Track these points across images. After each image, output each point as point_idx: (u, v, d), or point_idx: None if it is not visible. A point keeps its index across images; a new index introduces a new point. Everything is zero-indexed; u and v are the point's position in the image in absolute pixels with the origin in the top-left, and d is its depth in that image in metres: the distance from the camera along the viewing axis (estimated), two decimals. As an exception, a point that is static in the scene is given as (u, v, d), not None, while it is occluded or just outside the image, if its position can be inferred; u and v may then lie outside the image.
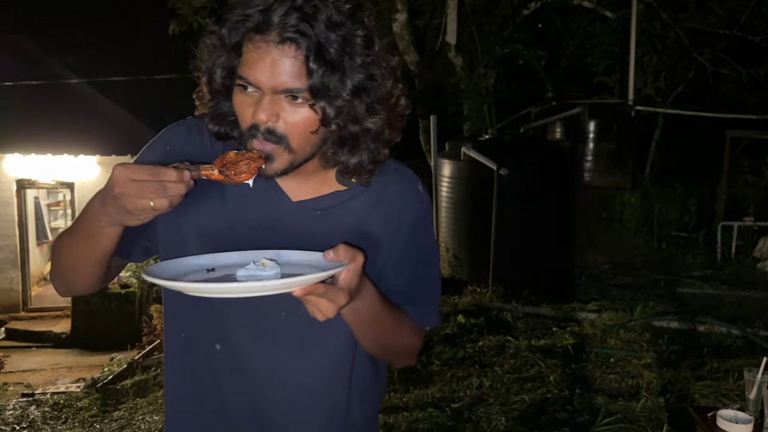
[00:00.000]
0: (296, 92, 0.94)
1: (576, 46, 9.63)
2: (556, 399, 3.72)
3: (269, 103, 0.94)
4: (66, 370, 7.56)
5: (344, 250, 0.92)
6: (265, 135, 0.96)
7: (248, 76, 0.94)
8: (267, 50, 0.92)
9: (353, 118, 0.97)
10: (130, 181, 0.88)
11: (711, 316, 5.28)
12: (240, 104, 0.98)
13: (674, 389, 3.84)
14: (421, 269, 1.16)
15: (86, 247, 1.02)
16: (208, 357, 1.08)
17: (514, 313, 5.33)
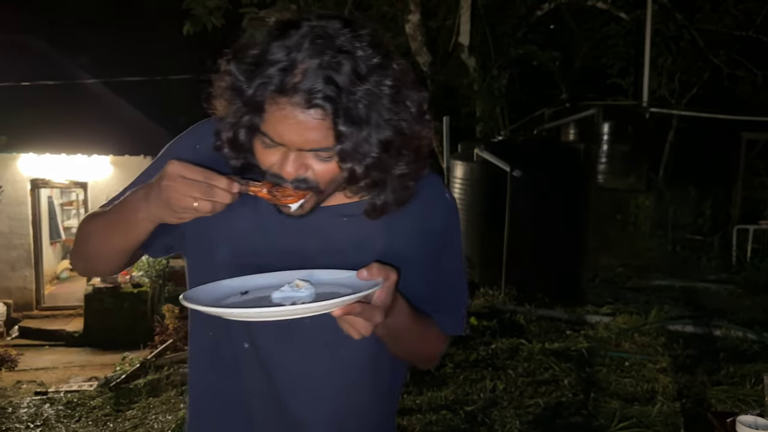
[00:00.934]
0: (323, 151, 0.92)
1: (590, 48, 9.57)
2: (570, 403, 3.69)
3: (296, 159, 0.93)
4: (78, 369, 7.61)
5: (377, 268, 0.93)
6: (295, 184, 0.95)
7: (273, 136, 0.92)
8: (293, 112, 0.89)
9: (381, 169, 0.96)
10: (181, 177, 0.88)
11: (727, 320, 5.23)
12: (263, 155, 0.96)
13: (690, 394, 3.79)
14: (447, 277, 1.16)
15: (117, 235, 1.02)
16: (235, 356, 1.09)
17: (527, 315, 5.30)
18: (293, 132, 0.90)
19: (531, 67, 9.32)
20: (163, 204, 0.90)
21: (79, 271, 1.18)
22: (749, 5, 9.59)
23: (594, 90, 9.90)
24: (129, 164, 10.00)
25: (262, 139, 0.94)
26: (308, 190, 0.96)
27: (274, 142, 0.93)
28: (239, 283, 1.02)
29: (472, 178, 6.37)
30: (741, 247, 7.64)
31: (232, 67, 0.94)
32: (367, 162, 0.93)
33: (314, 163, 0.94)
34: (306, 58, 0.88)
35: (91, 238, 1.08)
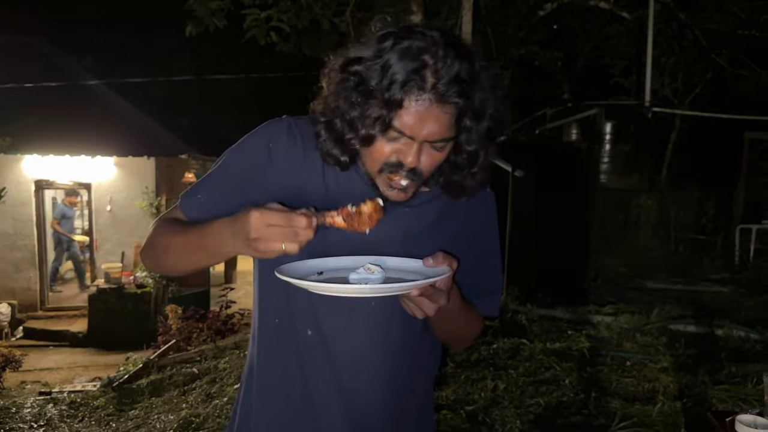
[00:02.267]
0: (444, 140, 1.06)
1: (592, 47, 9.56)
2: (571, 402, 3.69)
3: (417, 152, 1.06)
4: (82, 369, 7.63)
5: (443, 257, 1.07)
6: (408, 174, 1.08)
7: (407, 129, 1.04)
8: (431, 108, 1.02)
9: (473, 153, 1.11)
10: (265, 226, 0.97)
11: (729, 320, 5.22)
12: (384, 148, 1.07)
13: (691, 393, 3.79)
14: (489, 262, 1.30)
15: (200, 258, 1.13)
16: (297, 343, 1.19)
17: (528, 315, 5.31)
18: (428, 125, 1.03)
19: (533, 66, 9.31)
20: (251, 246, 0.99)
21: (148, 268, 1.34)
22: (753, 4, 9.55)
23: (596, 90, 9.89)
24: (132, 165, 10.03)
25: (389, 134, 1.05)
26: (415, 179, 1.09)
27: (404, 135, 1.04)
28: (315, 263, 1.11)
29: (474, 178, 6.36)
30: (744, 246, 7.63)
31: (360, 68, 1.05)
32: (472, 149, 1.10)
33: (428, 156, 1.08)
34: (436, 61, 1.01)
35: (170, 252, 1.17)
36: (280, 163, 1.15)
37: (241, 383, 1.31)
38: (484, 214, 1.27)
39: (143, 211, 10.08)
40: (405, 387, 1.25)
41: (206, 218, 1.13)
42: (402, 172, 1.07)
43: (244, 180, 1.17)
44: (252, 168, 1.16)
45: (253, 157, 1.16)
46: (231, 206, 1.11)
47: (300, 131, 1.17)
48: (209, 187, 1.21)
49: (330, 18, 8.10)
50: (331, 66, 1.11)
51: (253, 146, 1.17)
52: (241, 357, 5.44)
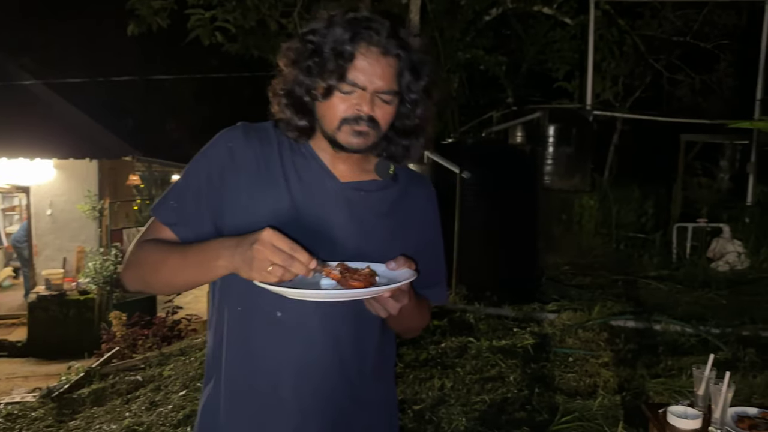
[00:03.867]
0: (390, 93, 1.22)
1: (536, 52, 9.79)
2: (515, 398, 3.77)
3: (371, 101, 1.21)
4: (22, 380, 7.36)
5: (403, 260, 1.19)
6: (367, 122, 1.22)
7: (358, 81, 1.19)
8: (377, 60, 1.20)
9: (416, 114, 1.28)
10: (271, 244, 1.05)
11: (666, 315, 5.42)
12: (341, 101, 1.21)
13: (630, 387, 3.92)
14: (435, 252, 1.43)
15: (194, 271, 1.18)
16: (266, 326, 1.25)
17: (476, 314, 5.39)
18: (376, 77, 1.19)
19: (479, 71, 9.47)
20: (247, 260, 1.07)
21: (132, 288, 1.31)
22: (686, 12, 9.98)
23: (540, 93, 10.13)
24: (74, 168, 9.73)
25: (343, 87, 1.20)
26: (374, 128, 1.22)
27: (357, 86, 1.20)
28: None
29: (422, 180, 6.42)
30: (681, 244, 7.93)
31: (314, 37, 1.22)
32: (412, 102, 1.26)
33: (380, 108, 1.22)
34: (378, 23, 1.20)
35: (163, 269, 1.22)
36: (242, 162, 1.25)
37: (206, 377, 1.36)
38: (429, 206, 1.40)
39: (85, 215, 9.79)
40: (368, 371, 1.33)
41: (184, 222, 1.26)
42: (361, 122, 1.21)
43: (210, 181, 1.26)
44: (216, 169, 1.26)
45: (217, 159, 1.27)
46: (203, 206, 1.26)
47: (256, 132, 1.30)
48: (179, 193, 1.29)
49: (277, 19, 8.04)
50: (287, 46, 1.26)
51: (215, 150, 1.28)
52: (186, 363, 5.34)
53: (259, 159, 1.27)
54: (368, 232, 1.28)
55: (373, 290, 1.11)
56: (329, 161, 1.31)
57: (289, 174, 1.27)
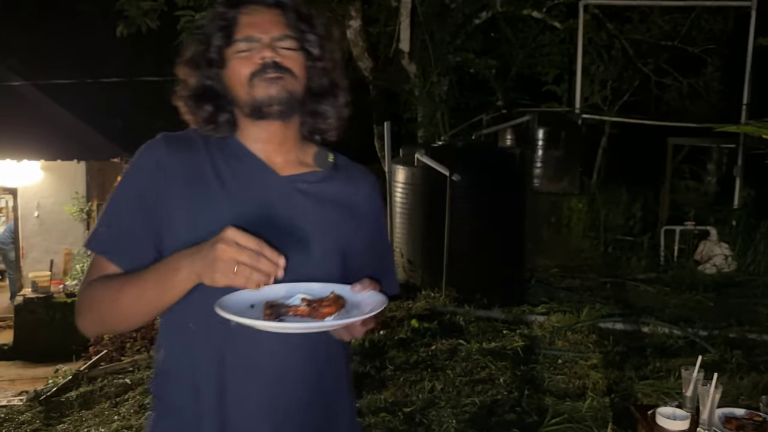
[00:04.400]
0: (288, 38, 1.19)
1: (525, 56, 9.84)
2: (505, 400, 3.79)
3: (270, 46, 1.18)
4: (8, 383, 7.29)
5: (368, 282, 1.14)
6: (274, 69, 1.17)
7: (250, 34, 1.18)
8: (260, 12, 1.20)
9: (325, 67, 1.25)
10: (235, 242, 0.99)
11: (654, 317, 5.46)
12: (242, 61, 1.18)
13: (619, 389, 3.95)
14: (383, 244, 1.40)
15: (153, 295, 1.09)
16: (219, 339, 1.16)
17: (466, 316, 5.40)
18: (266, 26, 1.18)
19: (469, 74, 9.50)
20: (209, 262, 1.00)
21: (92, 334, 1.24)
22: (674, 17, 10.06)
23: (529, 97, 10.17)
24: (61, 169, 9.66)
25: (239, 48, 1.18)
26: (286, 73, 1.18)
27: (251, 39, 1.18)
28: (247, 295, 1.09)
29: (413, 183, 6.45)
30: (668, 247, 7.98)
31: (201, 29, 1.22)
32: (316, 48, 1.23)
33: (284, 52, 1.19)
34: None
35: (120, 303, 1.13)
36: (172, 174, 1.18)
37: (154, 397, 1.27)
38: (375, 195, 1.36)
39: (73, 216, 9.72)
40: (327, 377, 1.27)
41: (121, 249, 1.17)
42: (269, 70, 1.17)
43: (141, 199, 1.18)
44: (146, 185, 1.19)
45: (144, 175, 1.20)
46: (139, 228, 1.17)
47: (180, 140, 1.24)
48: (110, 219, 1.20)
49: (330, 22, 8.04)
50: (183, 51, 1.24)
51: (140, 166, 1.21)
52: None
53: (188, 168, 1.19)
54: (317, 226, 1.22)
55: (348, 321, 1.06)
56: (264, 155, 1.24)
57: (224, 177, 1.20)
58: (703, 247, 7.72)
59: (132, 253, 1.16)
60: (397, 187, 6.64)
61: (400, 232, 6.64)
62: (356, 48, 8.53)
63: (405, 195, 6.54)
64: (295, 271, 1.13)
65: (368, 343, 4.81)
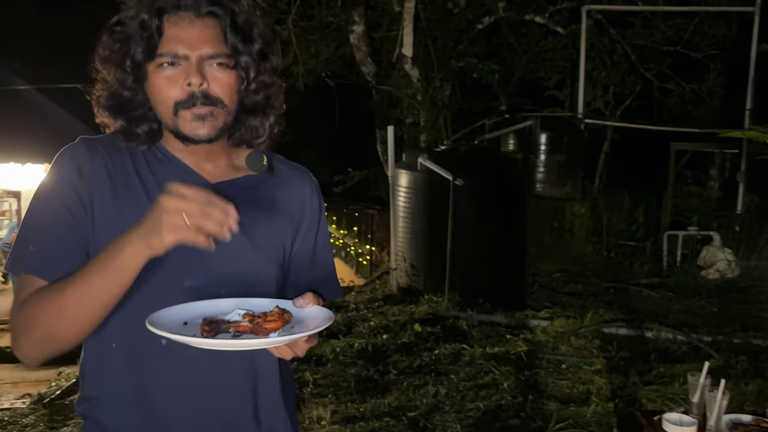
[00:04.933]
0: (221, 56, 1.06)
1: (528, 61, 9.86)
2: (509, 405, 3.78)
3: (198, 70, 1.05)
4: (11, 386, 7.27)
5: (312, 297, 1.06)
6: (203, 100, 1.06)
7: (175, 50, 1.04)
8: (191, 23, 1.05)
9: (260, 84, 1.13)
10: (180, 194, 0.90)
11: (658, 323, 5.45)
12: (164, 80, 1.06)
13: (623, 394, 3.95)
14: (324, 247, 1.30)
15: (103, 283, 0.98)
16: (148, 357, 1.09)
17: (469, 321, 5.40)
18: (195, 41, 1.05)
19: (472, 78, 9.52)
20: (154, 222, 0.91)
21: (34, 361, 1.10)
22: (677, 22, 10.08)
23: (532, 101, 10.19)
24: (65, 173, 9.67)
25: (161, 63, 1.05)
26: (216, 106, 1.07)
27: (176, 56, 1.04)
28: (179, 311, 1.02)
29: (416, 187, 6.46)
30: (671, 252, 7.98)
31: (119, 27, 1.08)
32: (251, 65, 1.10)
33: (215, 74, 1.06)
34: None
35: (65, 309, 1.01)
36: (94, 179, 1.09)
37: None
38: (315, 198, 1.27)
39: (76, 220, 9.72)
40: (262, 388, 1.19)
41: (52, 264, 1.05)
42: (198, 102, 1.05)
43: (66, 208, 1.08)
44: (69, 193, 1.08)
45: (66, 182, 1.09)
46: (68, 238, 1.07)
47: (101, 144, 1.14)
48: (35, 234, 1.08)
49: (271, 26, 8.07)
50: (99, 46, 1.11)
51: (61, 173, 1.10)
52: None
53: (111, 172, 1.10)
54: (252, 233, 1.13)
55: (294, 337, 0.97)
56: (192, 161, 1.15)
57: (148, 183, 1.11)
58: (706, 252, 7.71)
59: (65, 267, 1.04)
60: (400, 192, 6.64)
61: (402, 237, 6.64)
62: (359, 53, 8.55)
63: (408, 199, 6.55)
64: (231, 281, 1.08)
65: (371, 347, 4.81)
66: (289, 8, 8.18)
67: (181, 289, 1.07)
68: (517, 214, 6.40)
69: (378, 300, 6.38)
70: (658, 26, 10.07)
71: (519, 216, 6.43)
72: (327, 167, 10.88)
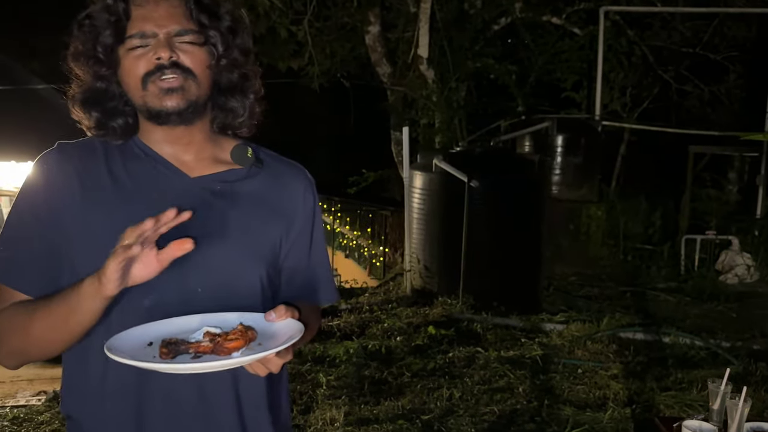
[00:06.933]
0: (188, 32, 1.07)
1: (545, 62, 9.79)
2: (525, 410, 3.75)
3: (167, 44, 1.06)
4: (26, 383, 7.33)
5: (284, 309, 1.02)
6: (173, 69, 1.06)
7: (143, 29, 1.06)
8: (156, 3, 1.07)
9: (233, 61, 1.13)
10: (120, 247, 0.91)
11: (675, 328, 5.39)
12: (135, 60, 1.07)
13: (640, 400, 3.90)
14: (319, 249, 1.26)
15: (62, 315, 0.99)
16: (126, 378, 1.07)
17: (483, 324, 5.37)
18: (161, 19, 1.06)
19: (488, 79, 9.47)
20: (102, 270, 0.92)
21: (11, 366, 1.10)
22: (696, 23, 9.97)
23: (548, 103, 10.12)
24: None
25: (131, 45, 1.06)
26: (187, 77, 1.07)
27: (144, 35, 1.06)
28: (143, 331, 1.01)
29: (431, 188, 6.43)
30: (689, 256, 7.88)
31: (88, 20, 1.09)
32: (221, 41, 1.10)
33: (185, 51, 1.07)
34: None
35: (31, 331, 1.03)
36: (65, 185, 1.09)
37: None
38: (309, 196, 1.24)
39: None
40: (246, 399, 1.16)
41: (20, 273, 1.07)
42: (167, 71, 1.06)
43: (36, 216, 1.09)
44: (40, 199, 1.10)
45: (37, 189, 1.10)
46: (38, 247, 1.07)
47: (75, 148, 1.16)
48: (6, 240, 1.09)
49: (287, 26, 8.08)
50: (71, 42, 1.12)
51: (33, 181, 1.12)
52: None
53: (82, 175, 1.10)
54: (235, 230, 1.11)
55: (256, 356, 0.94)
56: (170, 154, 1.13)
57: (119, 181, 1.10)
58: (724, 257, 7.61)
59: (35, 277, 1.06)
60: (415, 193, 6.62)
61: (417, 238, 6.62)
62: (375, 54, 8.54)
63: (422, 201, 6.52)
64: (211, 280, 1.07)
65: (385, 349, 4.80)
66: (306, 9, 8.19)
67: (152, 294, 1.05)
68: (532, 217, 6.35)
69: (391, 301, 6.36)
70: (677, 27, 9.96)
71: (534, 218, 6.38)
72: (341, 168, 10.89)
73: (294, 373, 4.25)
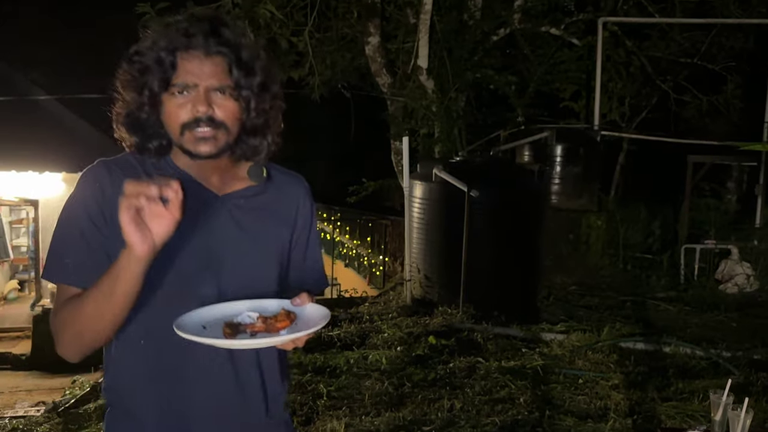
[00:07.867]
0: (225, 88, 1.23)
1: (544, 72, 9.82)
2: (526, 421, 3.74)
3: (205, 99, 1.22)
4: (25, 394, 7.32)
5: (306, 296, 1.24)
6: (208, 123, 1.22)
7: (186, 81, 1.21)
8: (201, 60, 1.22)
9: (260, 110, 1.29)
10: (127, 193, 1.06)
11: (676, 338, 5.38)
12: (175, 106, 1.23)
13: (641, 410, 3.89)
14: (315, 246, 1.49)
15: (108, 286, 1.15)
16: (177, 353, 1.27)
17: (484, 334, 5.36)
18: (202, 74, 1.21)
19: (487, 90, 9.50)
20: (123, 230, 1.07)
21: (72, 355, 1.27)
22: (694, 34, 10.01)
23: (547, 113, 10.14)
24: (82, 182, 9.76)
25: (173, 92, 1.22)
26: (219, 129, 1.24)
27: (186, 86, 1.21)
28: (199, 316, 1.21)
29: (431, 198, 6.44)
30: (688, 265, 7.89)
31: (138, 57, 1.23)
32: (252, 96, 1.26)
33: (220, 102, 1.23)
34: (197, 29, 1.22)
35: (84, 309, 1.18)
36: (114, 198, 1.17)
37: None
38: (308, 202, 1.45)
39: (92, 228, 9.79)
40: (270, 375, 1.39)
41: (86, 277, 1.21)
42: (202, 124, 1.22)
43: (93, 223, 1.24)
44: (94, 209, 1.25)
45: (90, 200, 1.25)
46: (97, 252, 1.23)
47: (118, 165, 1.30)
48: (68, 247, 1.25)
49: (288, 37, 8.11)
50: (120, 70, 1.28)
51: (85, 192, 1.27)
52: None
53: None
54: (257, 241, 1.33)
55: (301, 334, 1.16)
56: (200, 175, 1.31)
57: None
58: (724, 266, 7.61)
59: (96, 278, 1.19)
60: (415, 202, 6.63)
61: (417, 248, 6.62)
62: (374, 64, 8.57)
63: (422, 210, 6.53)
64: (239, 282, 1.29)
65: (386, 360, 4.79)
66: (306, 20, 8.23)
67: (195, 291, 1.26)
68: (532, 226, 6.37)
69: (392, 311, 6.36)
70: (675, 38, 10.00)
71: (534, 228, 6.39)
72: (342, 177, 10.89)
73: (294, 384, 4.24)
